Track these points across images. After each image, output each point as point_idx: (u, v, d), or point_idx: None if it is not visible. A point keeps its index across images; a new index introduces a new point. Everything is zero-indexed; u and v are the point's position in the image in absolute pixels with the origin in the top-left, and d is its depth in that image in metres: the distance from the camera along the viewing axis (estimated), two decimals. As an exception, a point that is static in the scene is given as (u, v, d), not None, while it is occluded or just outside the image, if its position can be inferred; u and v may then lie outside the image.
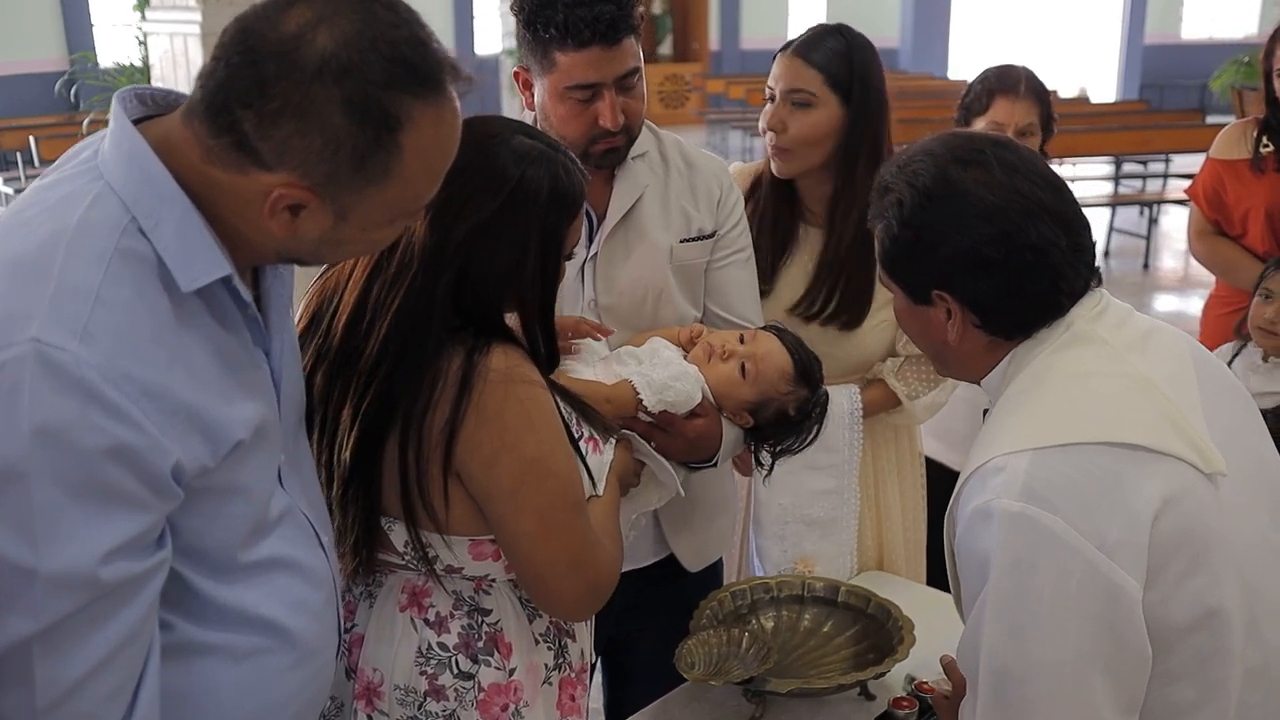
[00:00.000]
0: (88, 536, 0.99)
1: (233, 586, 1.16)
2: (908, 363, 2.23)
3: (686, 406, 1.72)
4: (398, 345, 1.39)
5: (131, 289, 1.04)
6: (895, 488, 2.34)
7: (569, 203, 1.45)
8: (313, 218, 1.10)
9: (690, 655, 1.76)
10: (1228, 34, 18.29)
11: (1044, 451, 1.24)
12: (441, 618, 1.49)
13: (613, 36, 1.72)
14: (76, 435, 0.97)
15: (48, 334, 0.98)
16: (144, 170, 1.07)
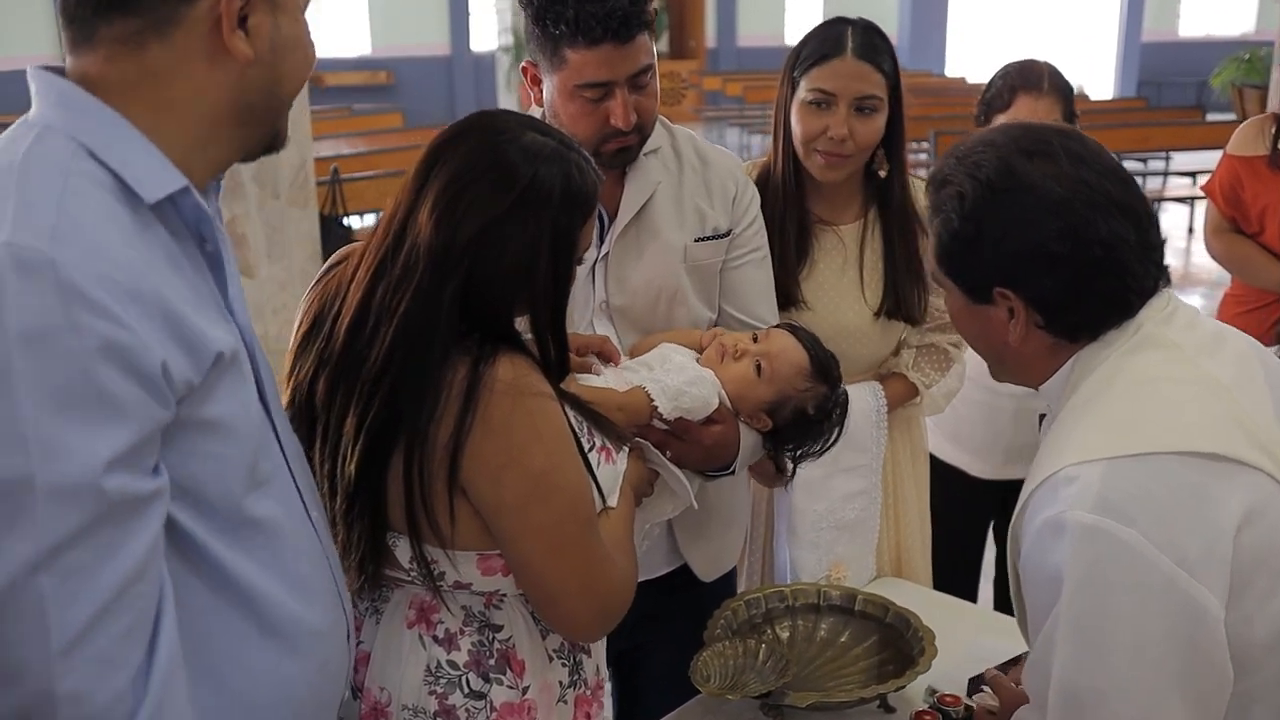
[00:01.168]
0: (86, 444, 0.94)
1: (235, 550, 1.11)
2: (920, 353, 2.21)
3: (703, 412, 1.66)
4: (403, 353, 1.32)
5: (94, 202, 1.01)
6: (912, 485, 2.29)
7: (582, 203, 1.39)
8: (259, 21, 1.09)
9: (706, 668, 1.71)
10: (1225, 31, 18.29)
11: (1118, 461, 1.18)
12: (451, 634, 1.43)
13: (625, 34, 1.66)
14: (63, 337, 0.93)
15: (18, 237, 0.94)
16: (77, 102, 1.05)
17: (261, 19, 1.09)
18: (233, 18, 1.06)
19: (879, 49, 2.03)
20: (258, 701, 1.15)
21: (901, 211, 2.13)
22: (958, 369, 2.24)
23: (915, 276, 2.13)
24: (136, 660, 0.99)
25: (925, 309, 2.15)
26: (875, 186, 2.15)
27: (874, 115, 2.03)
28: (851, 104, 2.01)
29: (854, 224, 2.15)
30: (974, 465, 2.71)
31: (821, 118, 2.02)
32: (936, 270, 1.39)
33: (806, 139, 2.05)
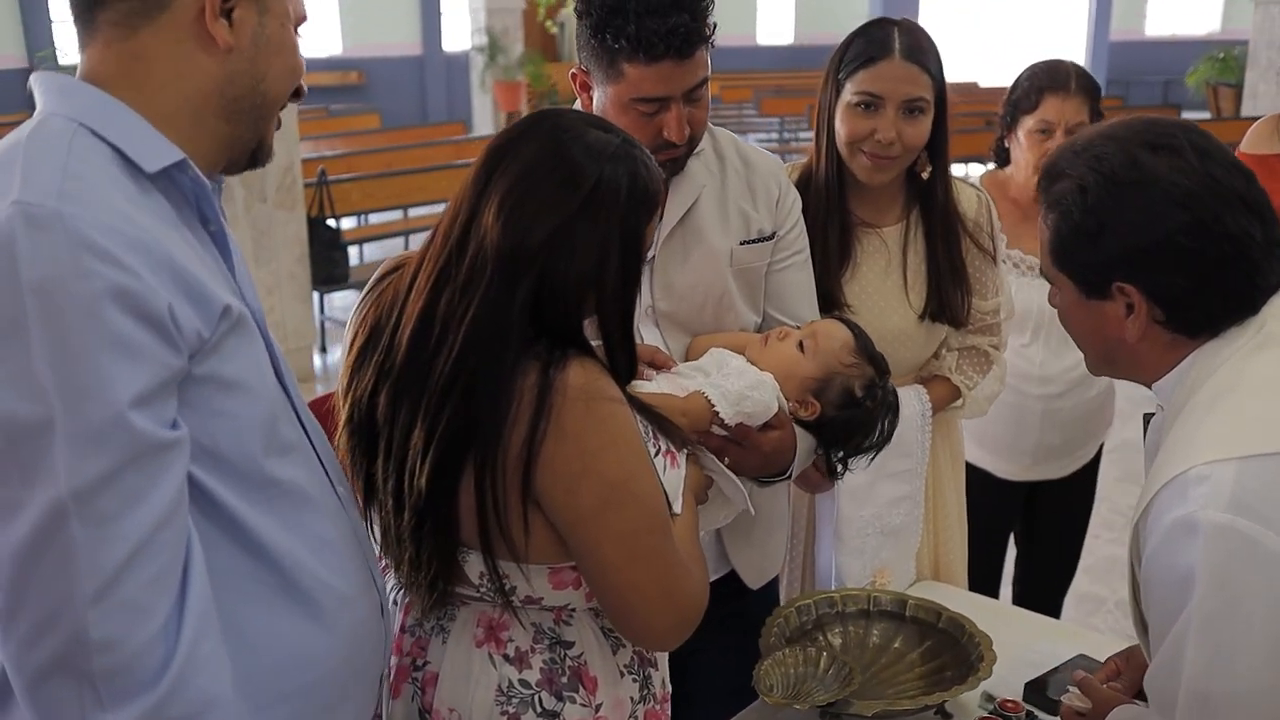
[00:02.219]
0: (106, 385, 0.97)
1: (258, 509, 1.13)
2: (962, 355, 2.20)
3: (764, 416, 1.63)
4: (474, 360, 1.27)
5: (97, 168, 1.05)
6: (952, 488, 2.27)
7: (649, 201, 1.35)
8: (244, 16, 1.14)
9: (768, 677, 1.67)
10: (1191, 31, 18.49)
11: (1251, 460, 1.16)
12: (522, 653, 1.39)
13: (687, 50, 1.62)
14: (73, 284, 0.97)
15: (26, 195, 0.99)
16: (77, 91, 1.11)
17: (246, 13, 1.15)
18: (215, 5, 1.12)
19: (925, 50, 2.00)
20: (283, 664, 1.15)
21: (944, 213, 2.10)
22: (997, 371, 2.22)
23: (958, 278, 2.11)
24: (166, 608, 1.01)
25: (969, 311, 2.13)
26: (917, 188, 2.13)
27: (921, 117, 2.00)
28: (900, 106, 1.98)
29: (896, 226, 2.13)
30: (1000, 467, 2.70)
31: (869, 120, 1.99)
32: (1049, 266, 1.36)
33: (853, 140, 2.02)
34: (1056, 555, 2.92)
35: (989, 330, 2.20)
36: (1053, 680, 1.82)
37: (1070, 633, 2.11)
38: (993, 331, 2.20)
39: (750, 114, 13.07)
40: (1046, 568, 2.93)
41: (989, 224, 2.17)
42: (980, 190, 2.19)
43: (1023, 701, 1.78)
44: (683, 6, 1.61)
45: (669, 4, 1.59)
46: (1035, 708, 1.78)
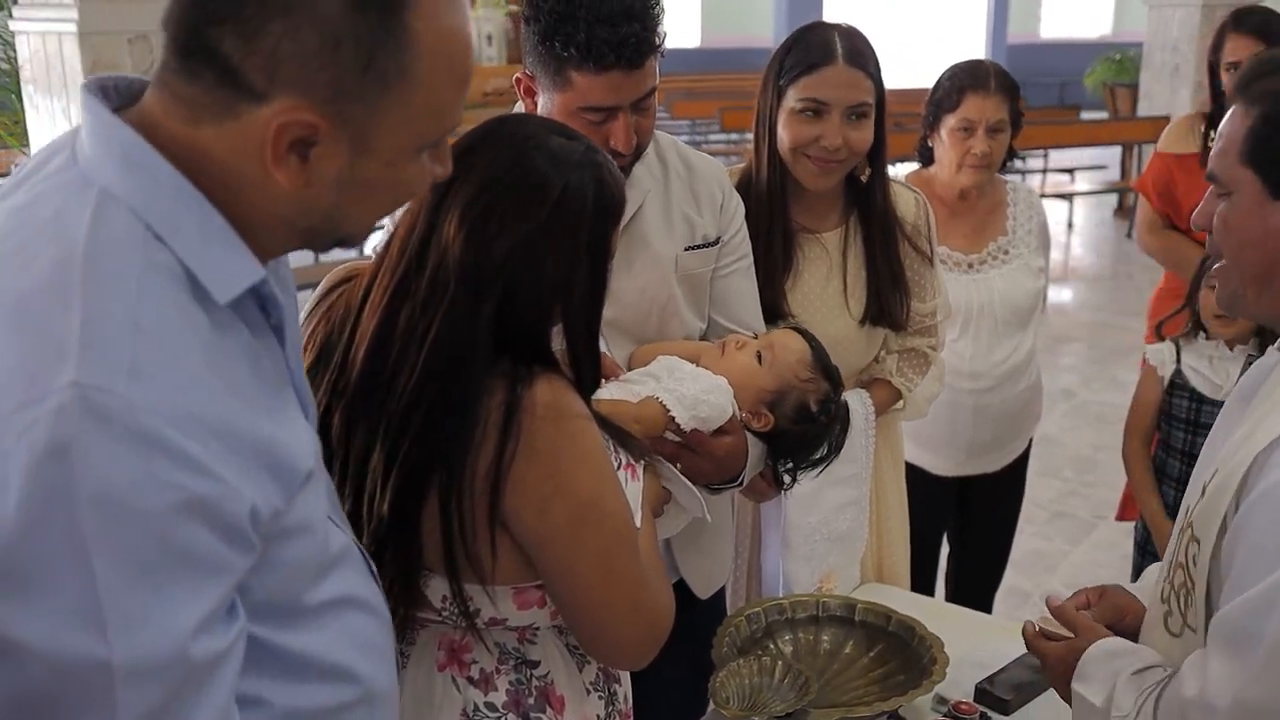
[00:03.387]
0: (169, 615, 0.83)
1: (298, 632, 0.99)
2: (902, 357, 2.21)
3: (719, 421, 1.61)
4: (440, 382, 1.23)
5: (171, 310, 0.87)
6: (894, 491, 2.28)
7: (614, 209, 1.32)
8: (326, 154, 0.91)
9: (724, 689, 1.65)
10: (1084, 33, 19.04)
11: None
12: (486, 674, 1.35)
13: (637, 60, 1.59)
14: (142, 496, 0.81)
15: (89, 375, 0.80)
16: (145, 168, 0.90)
17: (330, 153, 0.92)
18: (282, 143, 0.89)
19: (866, 55, 2.01)
20: None
21: (883, 217, 2.11)
22: (936, 371, 2.24)
23: (897, 282, 2.12)
24: None
25: (908, 314, 2.13)
26: (855, 193, 2.13)
27: (865, 121, 2.00)
28: (845, 112, 1.98)
29: (836, 231, 2.13)
30: (935, 464, 2.73)
31: (814, 126, 1.99)
32: (1232, 164, 1.27)
33: (797, 146, 2.01)
34: (988, 551, 2.96)
35: (927, 332, 2.21)
36: (1001, 679, 1.83)
37: (1013, 630, 2.12)
38: (931, 333, 2.21)
39: (662, 116, 13.08)
40: (978, 564, 2.97)
41: (926, 226, 2.18)
42: (918, 193, 2.21)
43: (976, 703, 1.78)
44: (634, 15, 1.58)
45: (620, 12, 1.56)
46: (987, 708, 1.78)
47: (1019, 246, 2.68)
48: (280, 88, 0.87)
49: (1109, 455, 4.84)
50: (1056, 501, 4.59)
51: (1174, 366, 2.66)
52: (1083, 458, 5.00)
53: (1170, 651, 1.34)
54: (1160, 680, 1.29)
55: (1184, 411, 2.64)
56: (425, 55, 0.91)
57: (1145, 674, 1.32)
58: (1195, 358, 2.63)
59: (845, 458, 2.03)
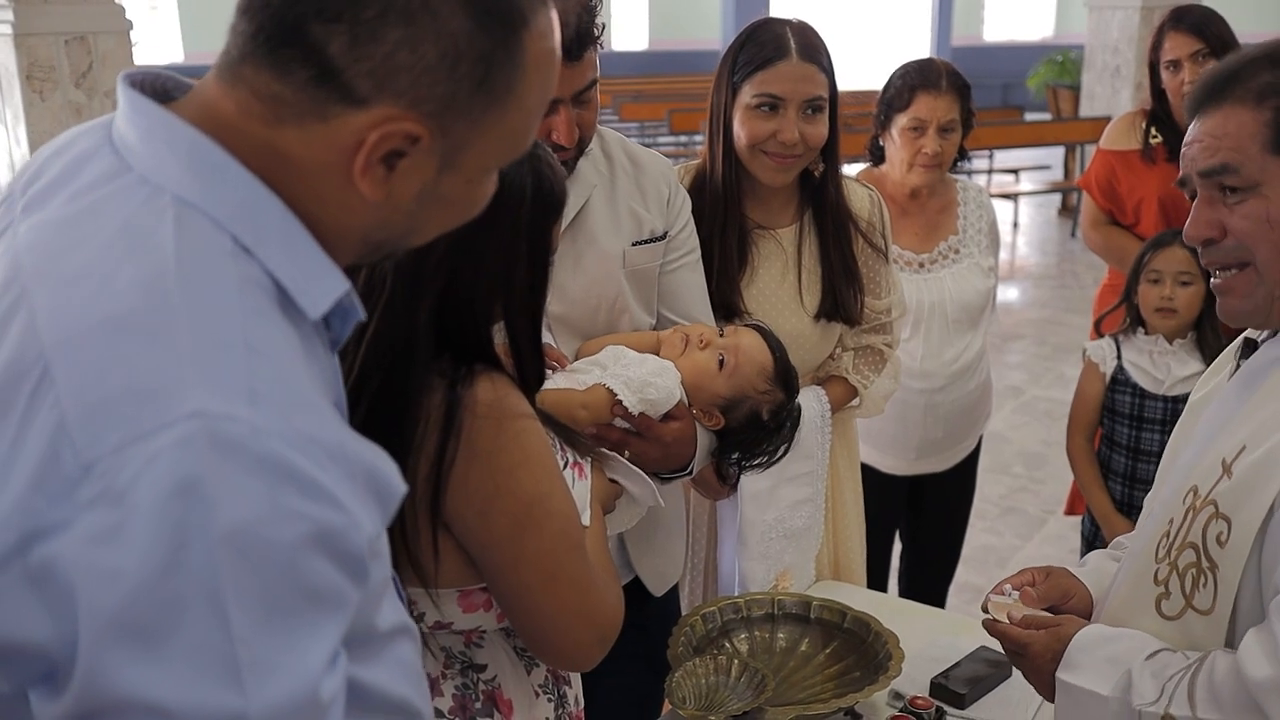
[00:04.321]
0: (299, 657, 0.75)
1: (369, 665, 0.92)
2: (858, 354, 2.21)
3: (667, 405, 1.59)
4: (378, 379, 1.20)
5: (274, 329, 0.81)
6: (850, 488, 2.28)
7: (554, 202, 1.30)
8: (414, 166, 0.86)
9: (680, 689, 1.64)
10: (1026, 36, 19.29)
11: None
12: (432, 680, 1.32)
13: (576, 52, 1.57)
14: (271, 530, 0.73)
15: (211, 403, 0.73)
16: (219, 173, 0.82)
17: (418, 166, 0.87)
18: (374, 152, 0.83)
19: (819, 49, 2.00)
20: None
21: (836, 212, 2.11)
22: (891, 369, 2.24)
23: (851, 277, 2.11)
24: None
25: (862, 310, 2.13)
26: (810, 189, 2.12)
27: (821, 116, 2.00)
28: (800, 106, 1.97)
29: (791, 227, 2.12)
30: (885, 462, 2.73)
31: (770, 122, 1.98)
32: (1257, 155, 1.23)
33: (754, 142, 2.00)
34: (940, 548, 2.97)
35: (883, 329, 2.21)
36: (956, 674, 1.83)
37: (967, 625, 2.13)
38: (886, 330, 2.21)
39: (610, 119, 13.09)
40: (931, 561, 2.98)
41: (881, 222, 2.18)
42: (872, 189, 2.21)
43: (931, 698, 1.78)
44: (569, 5, 1.56)
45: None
46: (943, 702, 1.78)
47: (969, 246, 2.69)
48: (387, 95, 0.82)
49: (1057, 451, 4.88)
50: (1007, 497, 4.63)
51: (1115, 363, 2.69)
52: (1032, 454, 5.05)
53: (1162, 635, 1.30)
54: (1187, 666, 1.23)
55: (1127, 407, 2.66)
56: (530, 75, 0.88)
57: (1160, 658, 1.27)
58: (1135, 353, 2.66)
59: (800, 454, 2.03)
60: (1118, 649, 1.32)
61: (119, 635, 0.71)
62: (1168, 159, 2.98)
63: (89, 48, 4.97)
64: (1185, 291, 2.57)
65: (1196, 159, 1.28)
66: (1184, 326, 2.60)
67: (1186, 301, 2.58)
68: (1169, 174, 2.95)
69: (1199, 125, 1.29)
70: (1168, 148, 2.99)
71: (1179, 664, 1.25)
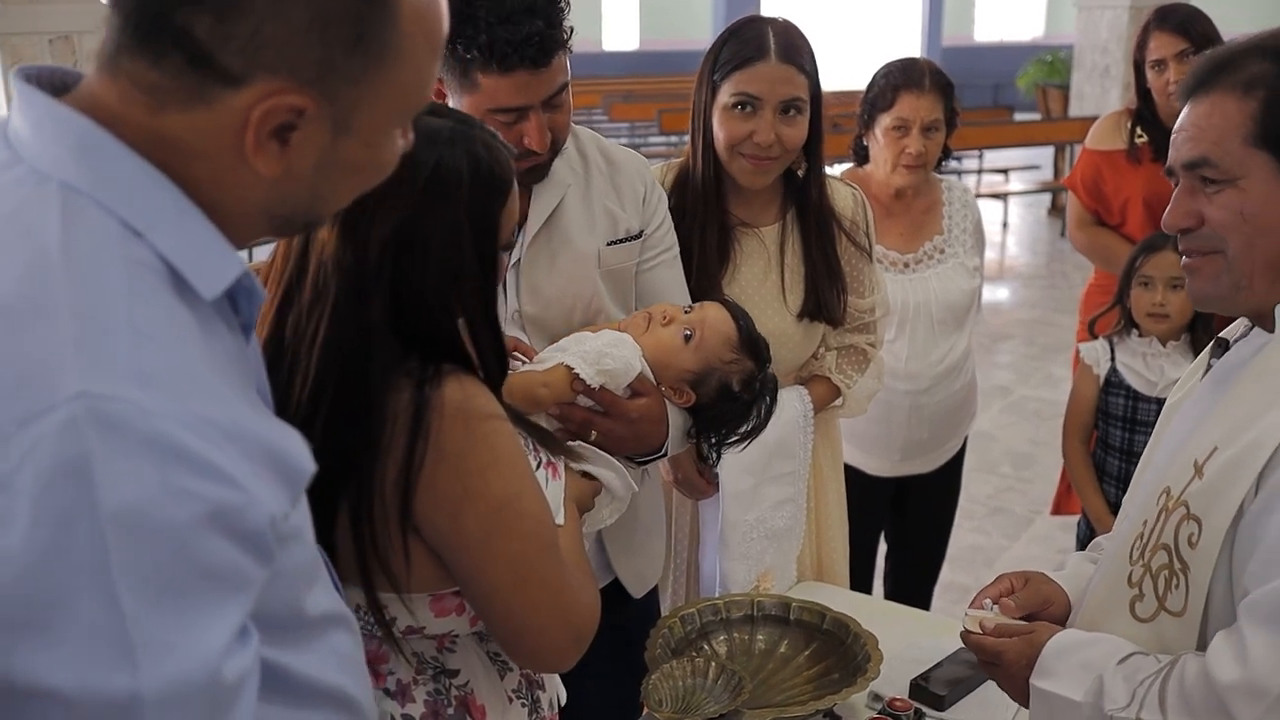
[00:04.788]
0: (197, 636, 0.75)
1: (299, 652, 0.92)
2: (841, 354, 2.20)
3: (627, 376, 1.57)
4: (334, 386, 1.18)
5: (164, 310, 0.80)
6: (833, 488, 2.26)
7: (496, 182, 1.25)
8: (307, 137, 0.85)
9: (656, 691, 1.62)
10: (1017, 36, 19.32)
11: None
12: (404, 685, 1.30)
13: (543, 59, 1.56)
14: (163, 509, 0.73)
15: (96, 383, 0.73)
16: (108, 159, 0.82)
17: (311, 136, 0.86)
18: (264, 129, 0.83)
19: (800, 50, 1.99)
20: None
21: (819, 212, 2.10)
22: (874, 368, 2.23)
23: (834, 276, 2.10)
24: None
25: (845, 309, 2.12)
26: (794, 188, 2.12)
27: (799, 117, 1.99)
28: (777, 107, 1.96)
29: (774, 226, 2.11)
30: (869, 464, 2.72)
31: (747, 122, 1.97)
32: (1238, 147, 1.23)
33: (732, 143, 1.99)
34: (925, 549, 2.96)
35: (866, 329, 2.20)
36: (936, 675, 1.82)
37: (948, 626, 2.12)
38: (870, 330, 2.20)
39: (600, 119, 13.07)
40: (916, 561, 2.97)
41: (865, 221, 2.17)
42: (855, 189, 2.20)
43: (910, 699, 1.77)
44: (536, 13, 1.54)
45: (522, 10, 1.53)
46: (922, 704, 1.77)
47: (954, 246, 2.68)
48: (262, 68, 0.82)
49: (1045, 451, 4.89)
50: (994, 497, 4.62)
51: (1109, 365, 2.68)
52: (1019, 453, 5.05)
53: (1137, 638, 1.30)
54: (1158, 670, 1.23)
55: (1121, 409, 2.65)
56: (408, 28, 0.87)
57: (1131, 662, 1.27)
58: (1129, 355, 2.65)
59: (783, 454, 2.02)
60: (1091, 654, 1.31)
61: (7, 620, 0.71)
62: (1153, 158, 2.97)
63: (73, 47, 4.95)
64: (1177, 296, 2.56)
65: (1180, 149, 1.29)
66: (1177, 330, 2.60)
67: (1179, 306, 2.57)
68: (1154, 173, 2.95)
69: (1187, 113, 1.29)
70: (1153, 147, 2.98)
71: (1150, 668, 1.24)
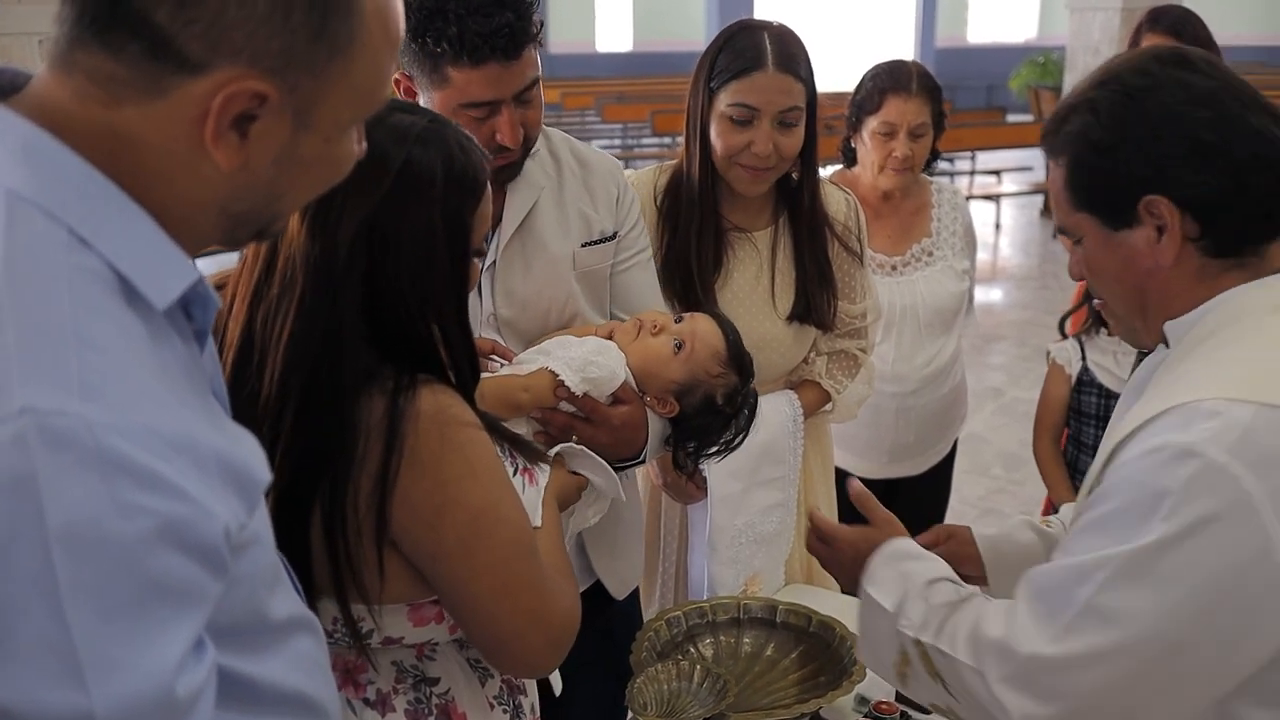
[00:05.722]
0: (149, 653, 0.74)
1: (261, 658, 0.91)
2: (832, 359, 2.20)
3: (611, 385, 1.57)
4: (302, 383, 1.16)
5: (108, 319, 0.78)
6: (823, 492, 2.26)
7: (469, 182, 1.24)
8: (267, 129, 0.84)
9: (641, 695, 1.62)
10: (1010, 38, 19.34)
11: (1267, 409, 1.09)
12: (384, 695, 1.29)
13: (514, 51, 1.55)
14: (111, 525, 0.72)
15: (38, 398, 0.72)
16: (53, 164, 0.80)
17: (271, 129, 0.84)
18: (224, 117, 0.81)
19: (796, 57, 1.98)
20: None
21: (811, 215, 2.10)
22: (865, 374, 2.23)
23: (825, 280, 2.10)
24: None
25: (835, 314, 2.12)
26: (787, 192, 2.11)
27: (796, 127, 1.99)
28: (774, 119, 1.96)
29: (767, 230, 2.12)
30: (859, 466, 2.71)
31: (744, 133, 1.97)
32: (1068, 213, 1.28)
33: (729, 154, 1.99)
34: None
35: (857, 334, 2.20)
36: (923, 678, 1.81)
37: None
38: (861, 335, 2.20)
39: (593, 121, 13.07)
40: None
41: (857, 226, 2.17)
42: (848, 193, 2.20)
43: (895, 702, 1.77)
44: (506, 5, 1.54)
45: (491, 3, 1.52)
46: (908, 707, 1.76)
47: (943, 249, 2.68)
48: (224, 55, 0.80)
49: (1036, 452, 4.90)
50: (985, 499, 4.62)
51: (1080, 364, 2.68)
52: (1011, 455, 5.05)
53: None
54: (950, 602, 1.32)
55: (1093, 408, 2.65)
56: (369, 21, 0.86)
57: (937, 587, 1.36)
58: (1099, 354, 2.65)
59: (772, 459, 2.01)
60: (910, 568, 1.40)
61: None
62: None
63: (63, 47, 4.94)
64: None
65: None
66: None
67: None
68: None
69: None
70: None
71: (949, 597, 1.33)
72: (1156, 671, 1.12)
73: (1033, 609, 1.19)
